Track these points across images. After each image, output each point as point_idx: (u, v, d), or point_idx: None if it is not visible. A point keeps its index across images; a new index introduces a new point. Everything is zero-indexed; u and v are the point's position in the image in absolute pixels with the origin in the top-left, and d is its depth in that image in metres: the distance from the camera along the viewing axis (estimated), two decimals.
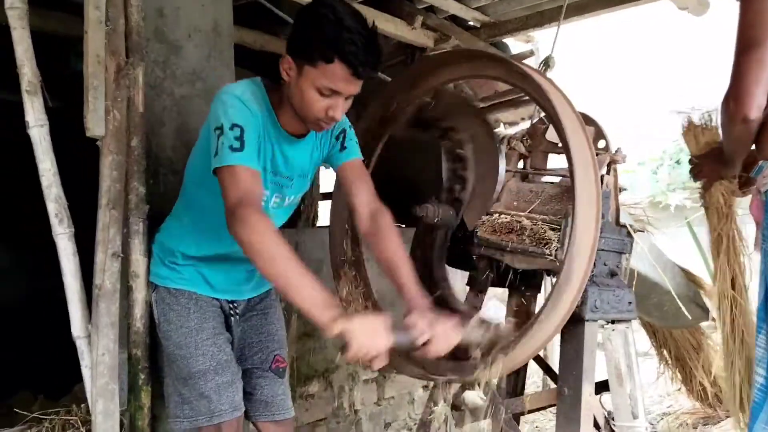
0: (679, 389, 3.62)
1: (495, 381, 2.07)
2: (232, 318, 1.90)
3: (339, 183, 1.78)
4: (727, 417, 3.34)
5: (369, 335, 1.34)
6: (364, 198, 1.71)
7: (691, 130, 2.11)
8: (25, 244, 4.35)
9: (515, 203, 1.96)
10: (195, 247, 1.79)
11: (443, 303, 1.99)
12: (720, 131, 2.06)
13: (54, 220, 1.76)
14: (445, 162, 2.09)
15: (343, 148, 1.75)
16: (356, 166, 1.75)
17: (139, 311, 1.86)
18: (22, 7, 1.71)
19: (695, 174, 2.07)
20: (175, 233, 1.82)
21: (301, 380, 2.95)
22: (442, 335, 1.47)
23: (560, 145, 1.79)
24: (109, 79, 1.80)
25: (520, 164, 2.11)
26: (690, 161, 2.10)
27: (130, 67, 1.83)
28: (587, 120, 1.89)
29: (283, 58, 1.55)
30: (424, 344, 1.46)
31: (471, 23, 3.64)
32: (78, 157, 2.37)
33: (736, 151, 1.80)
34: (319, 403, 3.05)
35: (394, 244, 1.62)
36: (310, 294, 1.36)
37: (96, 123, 1.78)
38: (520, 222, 1.83)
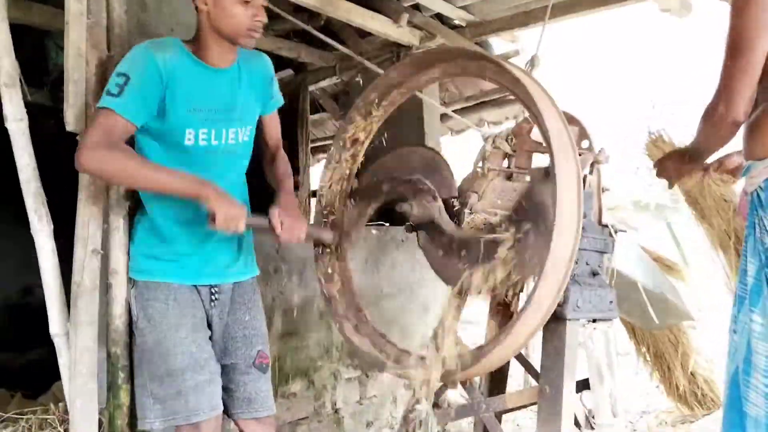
0: (657, 387, 3.67)
1: (477, 379, 2.08)
2: (214, 309, 1.87)
3: (261, 124, 2.04)
4: (705, 416, 3.39)
5: (229, 204, 1.66)
6: (274, 139, 2.08)
7: (654, 144, 2.88)
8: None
9: (498, 201, 1.97)
10: (171, 222, 1.79)
11: None
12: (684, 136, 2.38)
13: (33, 216, 1.73)
14: None
15: (272, 96, 2.00)
16: (275, 115, 2.06)
17: (118, 309, 1.83)
18: None
19: (660, 174, 2.20)
20: (151, 217, 1.81)
21: (283, 379, 2.94)
22: (292, 224, 1.80)
23: (545, 144, 1.80)
24: (90, 73, 1.78)
25: (505, 163, 2.12)
26: (654, 165, 2.24)
27: (112, 61, 1.80)
28: (571, 119, 1.90)
29: None
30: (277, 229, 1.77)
31: (456, 22, 3.65)
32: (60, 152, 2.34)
33: (712, 150, 1.88)
34: (300, 402, 3.04)
35: (283, 168, 2.04)
36: (178, 178, 1.66)
37: (76, 117, 1.76)
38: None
